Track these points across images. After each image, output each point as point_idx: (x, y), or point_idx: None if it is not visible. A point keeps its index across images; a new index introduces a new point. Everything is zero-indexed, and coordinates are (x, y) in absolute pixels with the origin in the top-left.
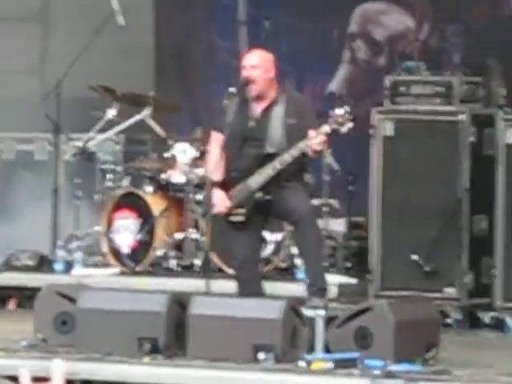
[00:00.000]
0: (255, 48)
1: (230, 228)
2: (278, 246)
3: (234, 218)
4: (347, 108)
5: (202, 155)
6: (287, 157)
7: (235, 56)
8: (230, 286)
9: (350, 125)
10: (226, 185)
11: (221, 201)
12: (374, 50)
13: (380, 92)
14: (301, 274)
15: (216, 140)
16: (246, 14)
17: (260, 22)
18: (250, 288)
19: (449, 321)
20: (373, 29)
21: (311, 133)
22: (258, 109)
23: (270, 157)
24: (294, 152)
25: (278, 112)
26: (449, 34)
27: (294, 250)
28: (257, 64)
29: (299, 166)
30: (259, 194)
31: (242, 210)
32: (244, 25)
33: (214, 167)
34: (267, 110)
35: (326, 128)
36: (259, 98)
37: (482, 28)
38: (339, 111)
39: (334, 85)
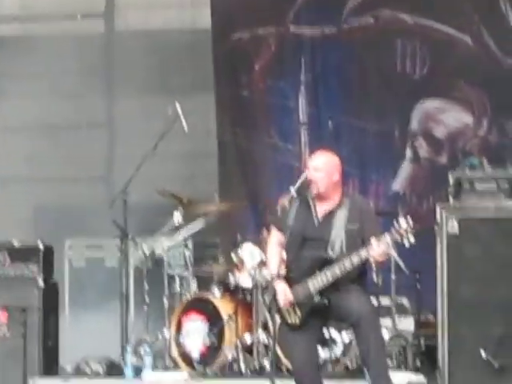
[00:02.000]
0: (322, 149)
1: (287, 329)
2: (348, 345)
3: (289, 320)
4: (410, 220)
5: None
6: (348, 264)
7: (297, 157)
8: None
9: (411, 239)
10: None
11: (284, 294)
12: (435, 148)
13: (442, 190)
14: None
15: (275, 237)
16: (307, 116)
17: (321, 123)
18: None
19: None
20: (433, 127)
21: (374, 241)
22: (320, 211)
23: (330, 261)
24: (354, 259)
25: (341, 216)
26: (509, 129)
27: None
28: (320, 167)
29: (359, 272)
30: (317, 298)
31: (299, 313)
32: (305, 126)
33: (279, 262)
34: (330, 214)
35: (387, 238)
36: (321, 199)
37: None
38: (403, 223)
39: (398, 184)
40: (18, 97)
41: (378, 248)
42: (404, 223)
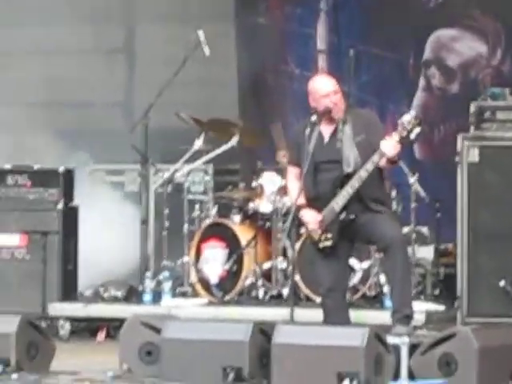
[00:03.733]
0: (319, 75)
1: (317, 255)
2: (366, 274)
3: (322, 244)
4: (413, 113)
5: None
6: (363, 173)
7: None
8: (318, 314)
9: (417, 130)
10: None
11: (312, 218)
12: (448, 77)
13: (454, 119)
14: (389, 302)
15: (292, 174)
16: (326, 43)
17: (340, 51)
18: (336, 316)
19: None
20: (446, 56)
21: (382, 144)
22: (327, 132)
23: (349, 177)
24: (369, 166)
25: (347, 132)
26: None
27: (383, 279)
28: (337, 89)
29: (378, 182)
30: (343, 215)
31: (330, 235)
32: (323, 53)
33: (298, 193)
34: (336, 132)
35: (395, 136)
36: (327, 120)
37: None
38: (406, 117)
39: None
40: (37, 22)
41: (387, 146)
42: (408, 116)
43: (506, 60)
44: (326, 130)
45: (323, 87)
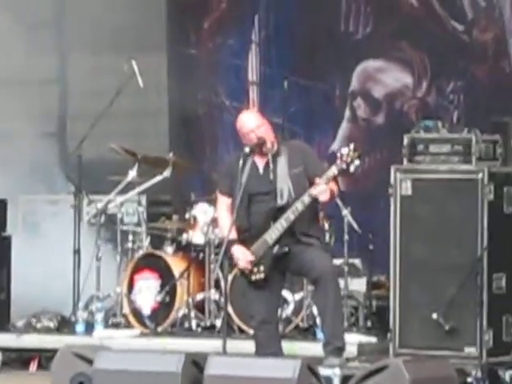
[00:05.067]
0: (244, 111)
1: (249, 287)
2: (299, 305)
3: (253, 277)
4: (351, 146)
5: None
6: (299, 205)
7: None
8: (251, 346)
9: (357, 162)
10: (242, 244)
11: (243, 255)
12: (373, 108)
13: (379, 150)
14: (322, 334)
15: (223, 203)
16: (258, 75)
17: (272, 82)
18: (268, 348)
19: (469, 379)
20: (372, 87)
21: (318, 180)
22: (261, 164)
23: (282, 209)
24: (305, 199)
25: (282, 163)
26: (447, 92)
27: (315, 310)
28: (260, 123)
29: (313, 215)
30: (276, 248)
31: (262, 268)
32: (255, 85)
33: (230, 227)
34: (271, 163)
35: (334, 170)
36: (259, 152)
37: (483, 85)
38: (345, 150)
39: (337, 144)
40: None
41: (321, 186)
42: (346, 149)
43: (432, 91)
44: (260, 161)
45: (246, 123)
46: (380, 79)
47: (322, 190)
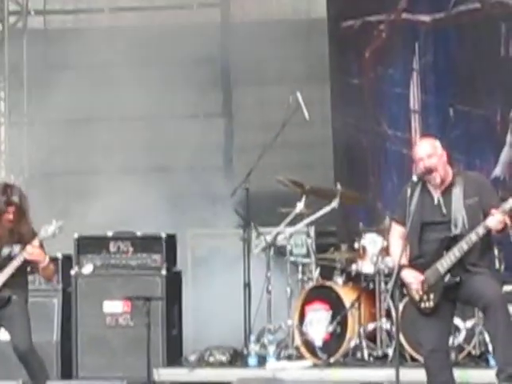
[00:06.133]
0: (423, 137)
1: (418, 316)
2: (471, 333)
3: (423, 305)
4: None
5: None
6: (473, 236)
7: (406, 145)
8: (423, 374)
9: None
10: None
11: (414, 278)
12: None
13: None
14: (494, 361)
15: (396, 231)
16: (419, 103)
17: (433, 110)
18: (439, 376)
19: None
20: None
21: (494, 211)
22: (436, 194)
23: (455, 239)
24: (479, 230)
25: (457, 193)
26: None
27: (487, 337)
28: (432, 152)
29: (485, 246)
30: (448, 278)
31: (432, 296)
32: (417, 113)
33: (401, 254)
34: (446, 194)
35: (510, 202)
36: (440, 183)
37: None
38: None
39: (499, 169)
40: (131, 85)
41: (494, 223)
42: None
43: None
44: (436, 191)
45: (418, 151)
46: None
47: (498, 221)
